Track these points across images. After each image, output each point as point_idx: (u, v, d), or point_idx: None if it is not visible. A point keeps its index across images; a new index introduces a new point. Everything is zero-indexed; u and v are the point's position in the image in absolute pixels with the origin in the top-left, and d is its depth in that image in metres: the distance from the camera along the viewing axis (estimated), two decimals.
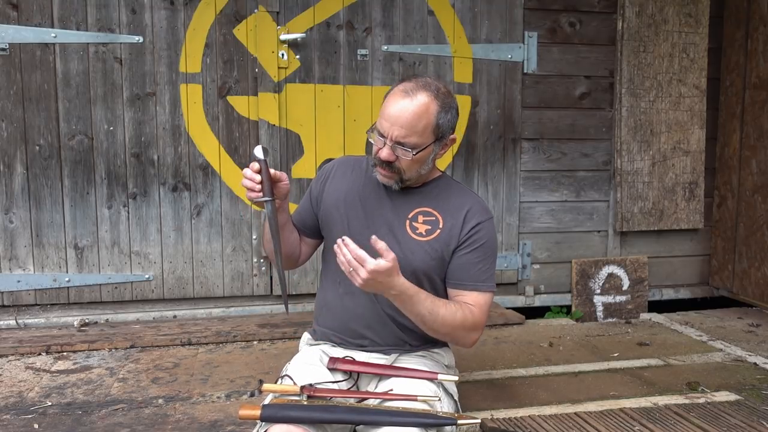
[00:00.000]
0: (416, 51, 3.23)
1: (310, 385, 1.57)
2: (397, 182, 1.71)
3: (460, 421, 1.49)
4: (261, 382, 1.59)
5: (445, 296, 1.80)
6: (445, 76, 3.27)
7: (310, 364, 1.70)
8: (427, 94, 1.63)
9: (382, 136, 1.64)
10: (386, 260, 1.50)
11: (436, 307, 1.63)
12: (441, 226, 1.74)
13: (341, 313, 1.78)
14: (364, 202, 1.79)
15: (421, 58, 3.24)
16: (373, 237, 1.52)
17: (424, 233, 1.74)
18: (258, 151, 1.64)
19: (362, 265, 1.48)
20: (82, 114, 2.97)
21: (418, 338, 1.77)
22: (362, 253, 1.49)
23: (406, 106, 1.61)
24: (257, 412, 1.46)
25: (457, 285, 1.75)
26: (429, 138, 1.65)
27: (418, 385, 1.63)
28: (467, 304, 1.70)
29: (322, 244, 1.93)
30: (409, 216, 1.76)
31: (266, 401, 1.56)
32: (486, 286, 1.74)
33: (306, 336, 1.92)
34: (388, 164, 1.67)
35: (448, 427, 1.53)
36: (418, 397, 1.56)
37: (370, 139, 1.71)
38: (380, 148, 1.66)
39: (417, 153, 1.64)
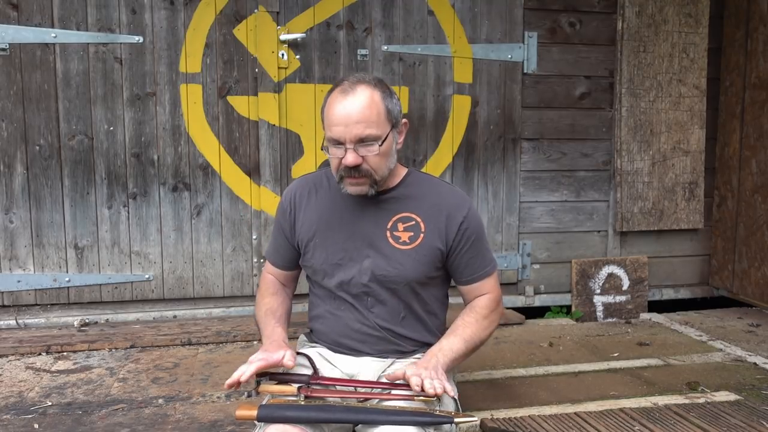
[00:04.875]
0: (416, 51, 3.23)
1: (308, 385, 1.56)
2: (372, 186, 1.63)
3: (457, 420, 1.48)
4: (258, 382, 1.59)
5: (441, 293, 1.81)
6: (445, 76, 3.27)
7: (303, 365, 1.69)
8: (365, 85, 1.58)
9: (339, 144, 1.58)
10: (410, 374, 1.50)
11: (471, 337, 1.69)
12: (423, 229, 1.70)
13: (334, 327, 1.76)
14: (339, 223, 1.72)
15: (421, 58, 3.24)
16: (386, 375, 1.56)
17: (408, 241, 1.69)
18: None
19: (435, 377, 1.49)
20: (82, 114, 2.97)
21: (414, 344, 1.75)
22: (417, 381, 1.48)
23: (352, 103, 1.55)
24: (254, 413, 1.45)
25: (468, 281, 1.77)
26: (386, 126, 1.60)
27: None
28: (478, 298, 1.77)
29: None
30: (389, 226, 1.70)
31: (264, 402, 1.56)
32: (492, 267, 1.79)
33: (302, 338, 1.91)
34: (356, 170, 1.58)
35: (446, 426, 1.52)
36: (415, 398, 1.55)
37: (327, 155, 1.63)
38: (341, 158, 1.58)
39: (381, 144, 1.58)
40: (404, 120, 1.71)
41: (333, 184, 1.76)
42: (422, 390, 1.45)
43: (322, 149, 1.66)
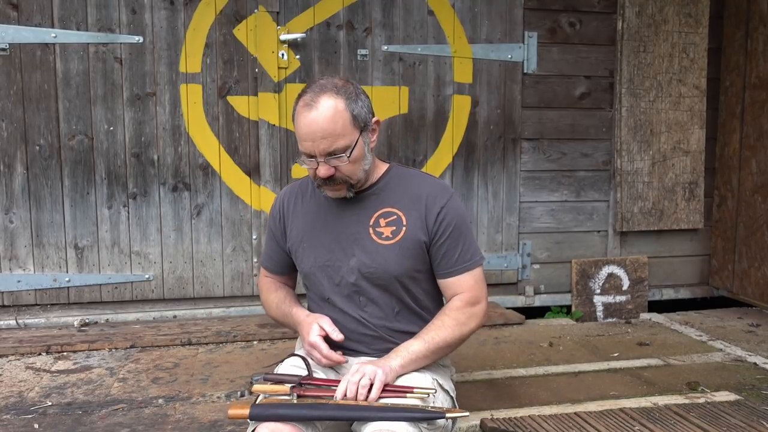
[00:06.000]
0: (416, 51, 3.23)
1: (300, 385, 1.56)
2: (349, 190, 1.67)
3: (448, 414, 1.48)
4: (251, 382, 1.59)
5: (432, 288, 1.79)
6: (445, 76, 3.27)
7: (298, 367, 1.68)
8: (327, 96, 1.58)
9: (311, 156, 1.61)
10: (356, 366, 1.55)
11: (434, 339, 1.65)
12: (405, 222, 1.70)
13: None
14: (324, 225, 1.75)
15: (421, 58, 3.24)
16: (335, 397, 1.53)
17: (390, 236, 1.69)
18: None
19: (372, 380, 1.51)
20: (82, 114, 2.97)
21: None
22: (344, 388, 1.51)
23: (315, 118, 1.56)
24: (246, 411, 1.46)
25: (447, 275, 1.73)
26: (353, 134, 1.60)
27: (415, 377, 1.62)
28: (453, 297, 1.72)
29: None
30: (371, 222, 1.71)
31: (257, 401, 1.56)
32: (473, 263, 1.73)
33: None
34: (330, 180, 1.63)
35: (440, 421, 1.52)
36: (415, 389, 1.55)
37: (302, 166, 1.66)
38: (315, 169, 1.62)
39: (351, 153, 1.60)
40: (375, 119, 1.69)
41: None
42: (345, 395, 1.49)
43: (296, 161, 1.69)
